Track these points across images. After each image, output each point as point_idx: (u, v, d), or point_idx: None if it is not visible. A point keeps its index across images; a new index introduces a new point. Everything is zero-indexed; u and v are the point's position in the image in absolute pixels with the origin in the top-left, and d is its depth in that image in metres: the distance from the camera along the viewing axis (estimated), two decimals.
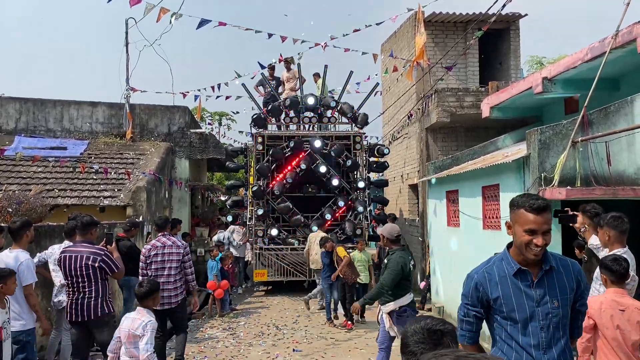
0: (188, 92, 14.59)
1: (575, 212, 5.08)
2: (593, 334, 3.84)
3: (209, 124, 30.82)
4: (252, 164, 13.84)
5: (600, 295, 3.98)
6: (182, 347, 6.85)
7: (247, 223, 13.53)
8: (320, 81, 14.79)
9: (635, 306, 3.76)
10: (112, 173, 11.34)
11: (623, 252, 4.18)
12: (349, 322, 9.67)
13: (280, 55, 14.50)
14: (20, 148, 12.39)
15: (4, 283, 4.53)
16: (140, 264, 6.83)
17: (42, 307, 6.67)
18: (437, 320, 1.93)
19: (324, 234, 11.14)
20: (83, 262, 5.42)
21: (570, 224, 5.21)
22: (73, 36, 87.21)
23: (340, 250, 9.83)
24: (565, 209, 5.30)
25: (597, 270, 4.25)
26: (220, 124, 32.04)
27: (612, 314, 3.75)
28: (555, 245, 6.55)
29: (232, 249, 13.13)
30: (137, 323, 4.61)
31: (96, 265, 5.43)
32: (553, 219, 3.95)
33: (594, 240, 4.72)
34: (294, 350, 8.19)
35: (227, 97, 15.37)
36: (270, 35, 11.49)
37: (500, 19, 12.52)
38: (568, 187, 6.37)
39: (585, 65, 7.37)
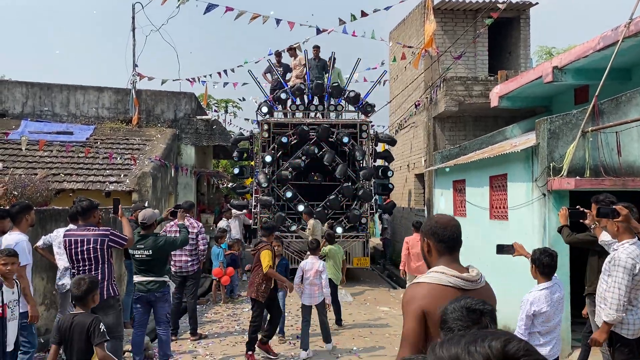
0: (194, 79, 14.52)
1: (585, 210, 5.03)
2: (408, 253, 9.02)
3: (215, 110, 30.71)
4: (257, 152, 13.79)
5: (412, 236, 9.06)
6: (195, 321, 8.23)
7: (253, 210, 13.51)
8: (335, 71, 14.35)
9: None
10: (118, 158, 11.33)
11: (632, 242, 4.15)
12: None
13: (292, 44, 14.31)
14: (26, 132, 12.39)
15: (13, 263, 4.57)
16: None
17: (48, 291, 6.70)
18: (478, 300, 1.96)
19: None
20: (89, 245, 5.41)
21: (581, 221, 5.15)
22: (79, 21, 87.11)
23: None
24: (577, 206, 5.24)
25: (606, 260, 4.25)
26: (226, 111, 31.95)
27: (414, 244, 8.80)
28: (564, 247, 6.49)
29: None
30: (317, 264, 7.20)
31: (104, 247, 5.41)
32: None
33: (604, 237, 4.67)
34: (297, 337, 8.20)
35: (234, 84, 15.31)
36: (278, 22, 11.40)
37: (511, 7, 12.38)
38: (577, 178, 6.30)
39: (596, 55, 7.27)
